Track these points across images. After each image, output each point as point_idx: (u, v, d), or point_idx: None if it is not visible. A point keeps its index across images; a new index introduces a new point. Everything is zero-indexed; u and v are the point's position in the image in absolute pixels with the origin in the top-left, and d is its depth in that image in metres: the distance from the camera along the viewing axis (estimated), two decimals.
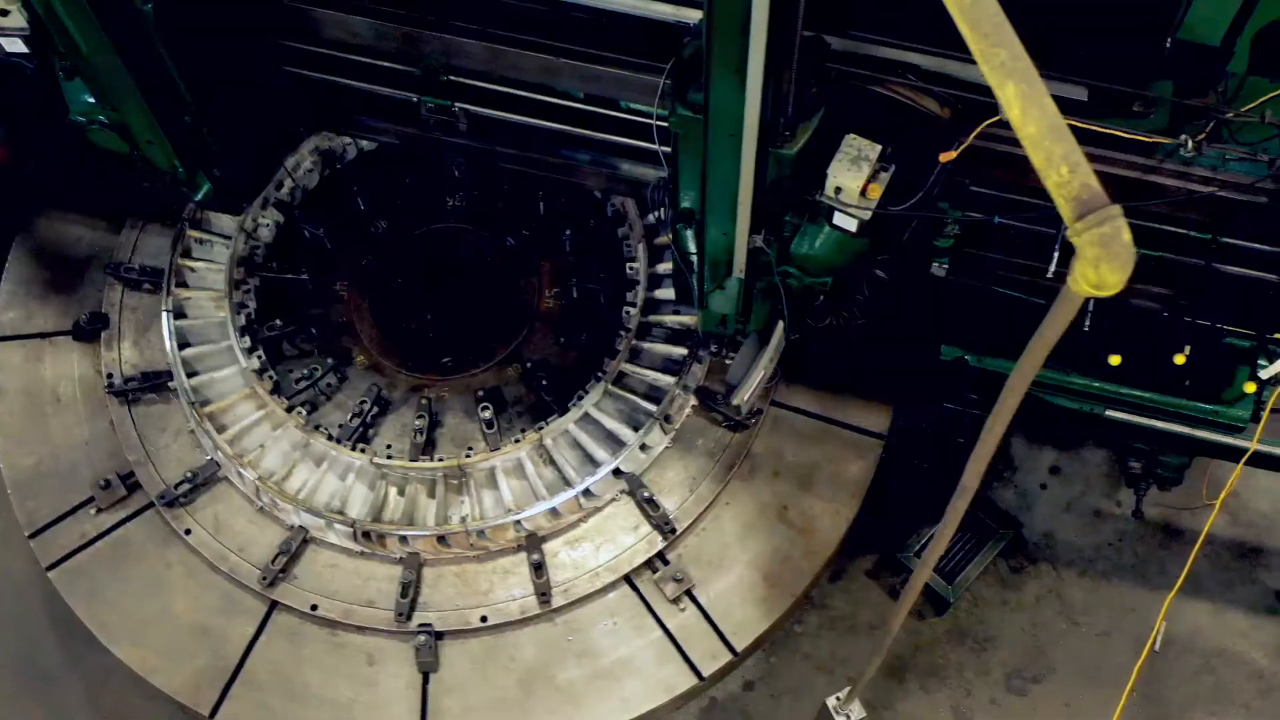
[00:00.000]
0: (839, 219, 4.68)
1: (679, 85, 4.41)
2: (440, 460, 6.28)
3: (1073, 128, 4.45)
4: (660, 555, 6.15)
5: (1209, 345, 5.45)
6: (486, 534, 6.18)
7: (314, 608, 6.11)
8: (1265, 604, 7.05)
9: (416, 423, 6.49)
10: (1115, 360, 5.51)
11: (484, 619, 6.06)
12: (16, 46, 5.01)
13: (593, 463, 6.24)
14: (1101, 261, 2.39)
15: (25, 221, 7.13)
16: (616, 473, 6.23)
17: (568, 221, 7.02)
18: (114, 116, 5.26)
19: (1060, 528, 7.26)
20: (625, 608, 6.10)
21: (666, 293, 6.59)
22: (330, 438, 6.33)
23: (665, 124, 4.91)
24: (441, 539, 6.17)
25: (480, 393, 6.63)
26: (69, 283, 6.93)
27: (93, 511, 6.37)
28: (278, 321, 6.76)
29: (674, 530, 6.14)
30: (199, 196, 5.87)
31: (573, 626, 6.08)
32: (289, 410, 6.36)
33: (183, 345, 6.54)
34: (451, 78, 5.43)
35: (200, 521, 6.31)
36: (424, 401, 6.61)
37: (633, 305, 6.54)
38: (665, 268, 6.61)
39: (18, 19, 5.00)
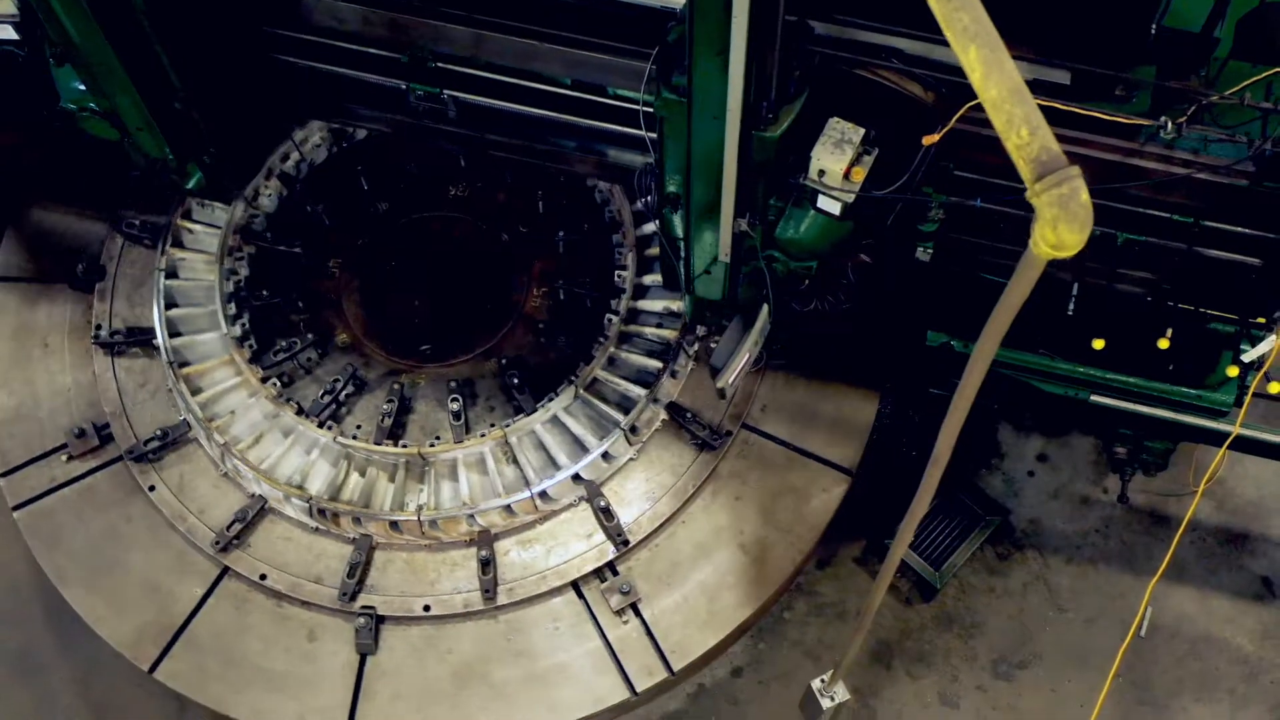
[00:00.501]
0: (822, 202, 4.71)
1: (663, 69, 4.45)
2: (404, 446, 6.31)
3: (1056, 110, 4.56)
4: (610, 565, 6.14)
5: (1192, 329, 5.50)
6: (439, 525, 6.21)
7: (263, 577, 6.17)
8: (1251, 590, 7.10)
9: (385, 406, 6.52)
10: (1099, 344, 5.55)
11: (427, 608, 6.10)
12: (7, 33, 5.04)
13: (554, 465, 6.27)
14: (1060, 221, 2.43)
15: (15, 213, 7.16)
16: (576, 478, 6.25)
17: (563, 223, 7.04)
18: (104, 104, 5.29)
19: (1047, 515, 7.31)
20: (569, 614, 6.11)
21: (652, 304, 6.65)
22: (300, 412, 6.38)
23: (651, 110, 4.99)
24: (394, 524, 6.21)
25: (453, 384, 6.65)
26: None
27: (64, 458, 6.47)
28: (264, 292, 6.80)
29: (627, 542, 6.14)
30: (190, 185, 5.91)
31: (514, 626, 6.09)
32: (264, 381, 6.43)
33: (170, 305, 6.60)
34: (439, 64, 5.46)
35: (165, 480, 6.41)
36: (396, 386, 6.63)
37: (615, 313, 6.56)
38: (653, 279, 6.64)
39: (8, 5, 5.04)
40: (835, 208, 4.71)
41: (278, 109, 5.96)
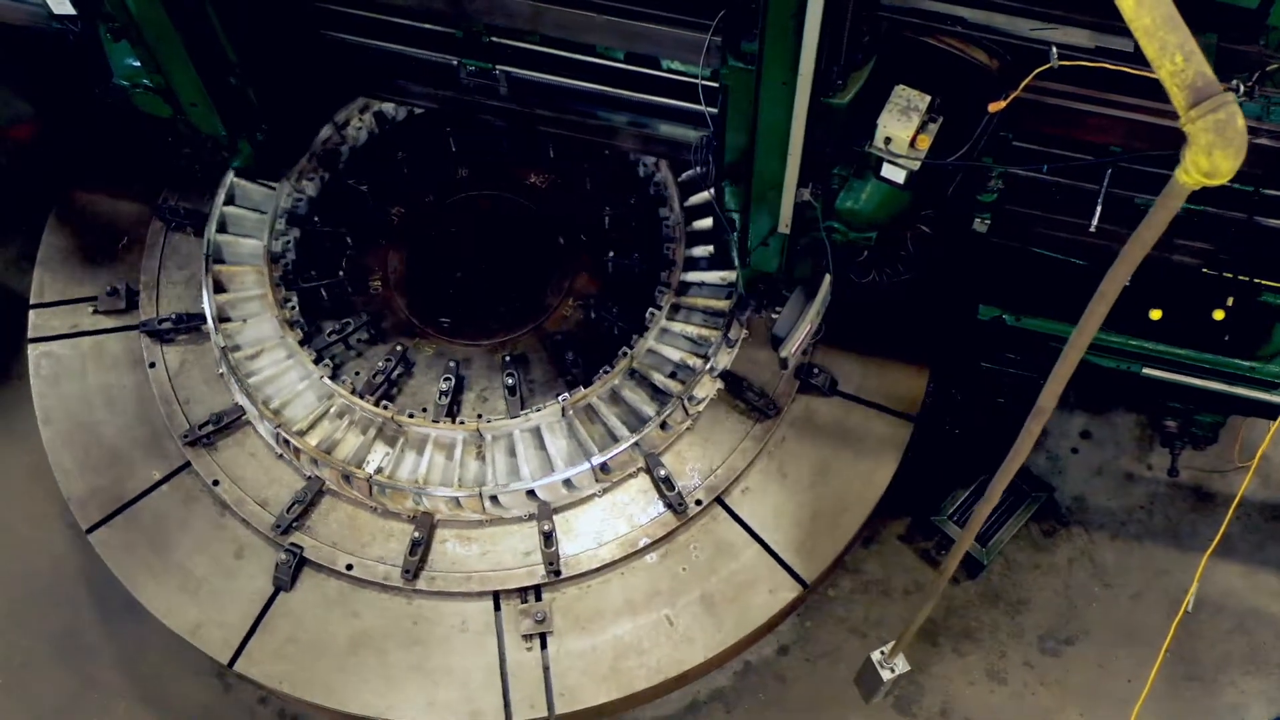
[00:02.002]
0: (887, 170, 4.69)
1: (730, 36, 4.42)
2: (386, 408, 6.35)
3: (1122, 74, 4.53)
4: (537, 590, 6.14)
5: (1248, 301, 5.48)
6: (387, 492, 6.24)
7: (215, 483, 6.36)
8: None
9: (381, 364, 6.66)
10: (1156, 315, 5.54)
11: (349, 567, 6.17)
12: (64, 8, 5.02)
13: (517, 474, 6.28)
14: (1215, 148, 2.42)
15: (59, 197, 7.15)
16: (530, 494, 6.24)
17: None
18: (158, 80, 5.27)
19: (1091, 491, 7.30)
20: (479, 622, 6.10)
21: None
22: (303, 342, 6.54)
23: (710, 83, 4.97)
24: (347, 477, 6.25)
25: (453, 363, 6.70)
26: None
27: (90, 310, 6.83)
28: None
29: (559, 573, 6.12)
30: (238, 162, 5.90)
31: (425, 615, 6.11)
32: (284, 304, 6.60)
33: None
34: (493, 39, 5.44)
35: (167, 360, 6.68)
36: (398, 348, 6.77)
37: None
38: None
39: None
40: (900, 176, 4.69)
41: (327, 85, 5.94)
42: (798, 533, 6.24)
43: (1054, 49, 4.43)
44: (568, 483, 6.26)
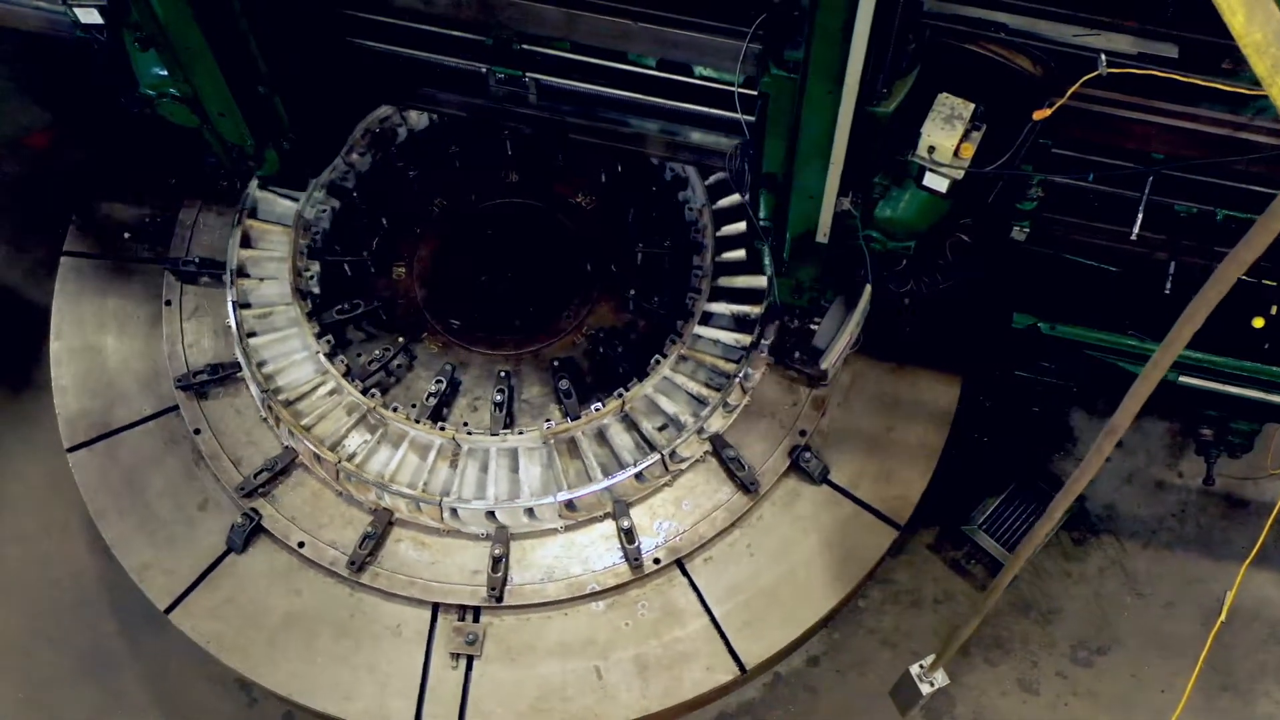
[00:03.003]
0: (929, 179, 4.63)
1: (772, 44, 4.35)
2: (371, 396, 6.39)
3: (1164, 80, 4.47)
4: (476, 611, 6.08)
5: None
6: (353, 480, 6.22)
7: (197, 431, 6.47)
8: None
9: (379, 352, 6.68)
10: None
11: (301, 544, 6.21)
12: (92, 17, 4.94)
13: (483, 491, 6.23)
14: None
15: (78, 207, 7.11)
16: (490, 514, 6.20)
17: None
18: (185, 89, 5.20)
19: (1122, 499, 7.23)
20: (413, 629, 6.07)
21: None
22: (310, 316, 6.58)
23: (747, 90, 4.90)
24: (318, 457, 6.26)
25: (449, 366, 6.68)
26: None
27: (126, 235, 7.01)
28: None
29: (500, 599, 6.08)
30: (263, 171, 5.83)
31: (364, 609, 6.12)
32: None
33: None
34: (524, 46, 5.37)
35: (184, 302, 6.76)
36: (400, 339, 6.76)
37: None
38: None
39: None
40: (943, 185, 4.62)
41: (354, 94, 5.86)
42: (750, 615, 6.07)
43: (1102, 56, 4.36)
44: (530, 512, 6.17)
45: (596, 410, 6.19)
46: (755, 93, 4.88)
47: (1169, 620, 6.93)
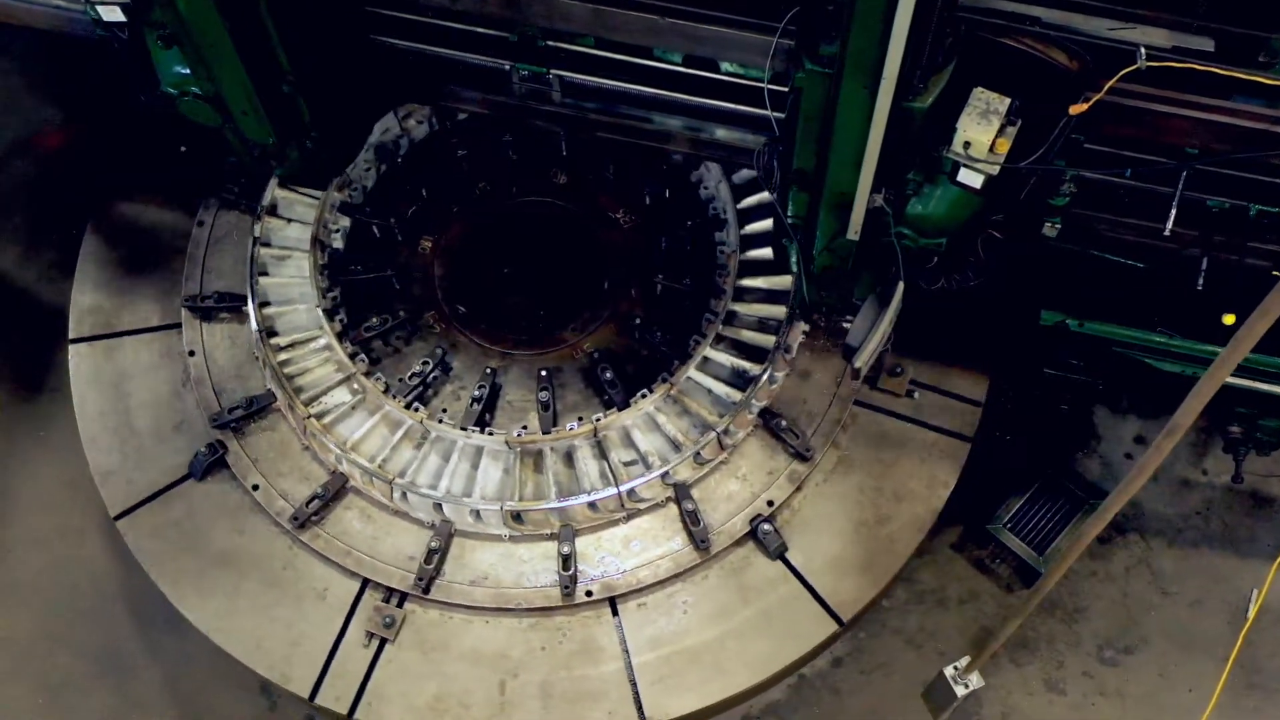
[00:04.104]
0: (964, 175, 4.57)
1: (806, 39, 4.30)
2: (357, 361, 6.38)
3: (1198, 75, 4.42)
4: (403, 597, 6.02)
5: None
6: (318, 438, 6.24)
7: (191, 352, 6.60)
8: None
9: (377, 320, 6.73)
10: (1230, 320, 5.41)
11: (255, 487, 6.25)
12: (115, 15, 4.89)
13: (437, 480, 6.20)
14: None
15: (97, 207, 7.05)
16: (438, 506, 6.13)
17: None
18: (207, 87, 5.14)
19: (1147, 498, 7.16)
20: (338, 598, 6.06)
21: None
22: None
23: (777, 87, 4.85)
24: (291, 407, 6.28)
25: (440, 349, 6.61)
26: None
27: None
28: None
29: (428, 591, 6.01)
30: (282, 171, 5.78)
31: (297, 565, 6.13)
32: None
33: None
34: (549, 43, 5.32)
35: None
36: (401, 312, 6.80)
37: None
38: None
39: None
40: (977, 181, 4.57)
41: (377, 92, 5.81)
42: (666, 672, 5.91)
43: (1141, 49, 4.31)
44: (477, 514, 6.10)
45: (570, 429, 6.11)
46: (785, 89, 4.85)
47: (1196, 619, 6.87)
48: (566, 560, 5.99)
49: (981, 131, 4.41)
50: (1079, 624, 6.88)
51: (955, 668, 5.30)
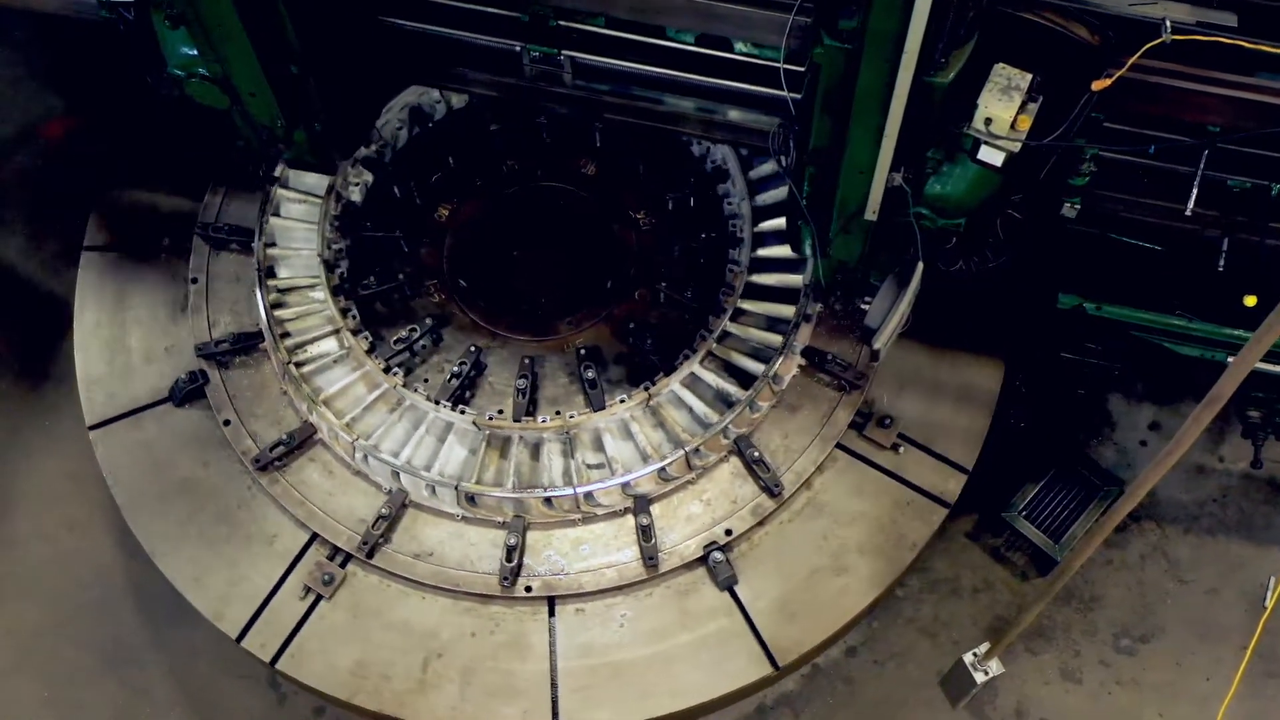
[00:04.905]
0: (984, 153, 4.49)
1: (825, 14, 4.22)
2: (344, 308, 6.37)
3: (1221, 52, 4.34)
4: (347, 557, 5.95)
5: None
6: (294, 385, 6.18)
7: (194, 280, 6.59)
8: None
9: (372, 280, 6.68)
10: (1251, 301, 5.35)
11: (226, 422, 6.25)
12: None
13: (399, 448, 6.13)
14: None
15: (100, 194, 6.95)
16: (396, 474, 6.04)
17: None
18: (215, 69, 5.06)
19: (1163, 485, 7.03)
20: (285, 546, 6.02)
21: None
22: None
23: (793, 66, 4.77)
24: (275, 348, 6.26)
25: (430, 320, 6.51)
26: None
27: None
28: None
29: (371, 555, 5.92)
30: (290, 154, 5.69)
31: (252, 507, 6.10)
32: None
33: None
34: (560, 23, 5.24)
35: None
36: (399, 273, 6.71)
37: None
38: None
39: None
40: (998, 159, 4.49)
41: (385, 74, 5.73)
42: (589, 683, 5.74)
43: (1167, 21, 4.23)
44: (433, 489, 6.00)
45: (542, 421, 6.03)
46: (801, 68, 4.78)
47: (1212, 607, 6.82)
48: (511, 551, 5.86)
49: (1003, 108, 4.34)
50: (1095, 612, 6.82)
51: (975, 654, 5.25)
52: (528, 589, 5.87)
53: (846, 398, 6.19)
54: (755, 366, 6.19)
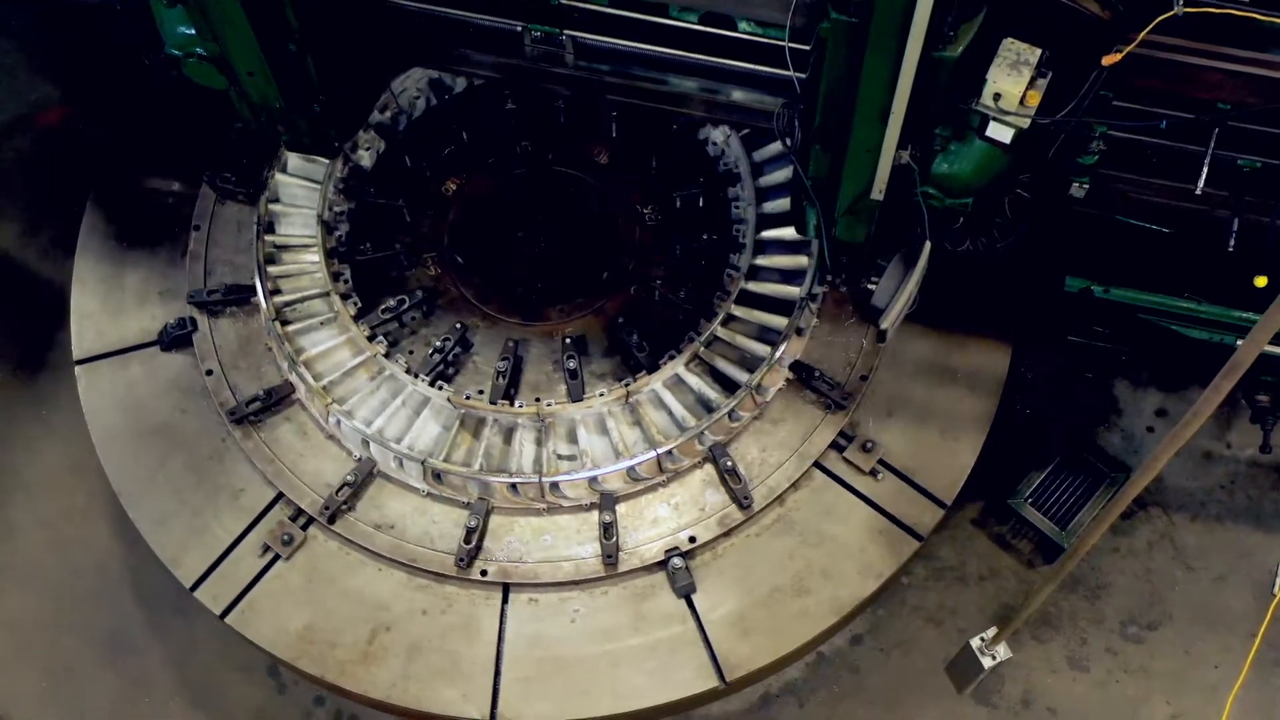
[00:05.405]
0: (993, 130, 4.44)
1: None
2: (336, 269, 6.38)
3: (1235, 22, 4.28)
4: (309, 521, 5.96)
5: None
6: (276, 341, 6.22)
7: (196, 227, 6.64)
8: None
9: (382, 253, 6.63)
10: (1261, 282, 5.28)
11: (209, 372, 6.30)
12: None
13: (372, 418, 6.08)
14: None
15: (98, 183, 6.89)
16: (365, 442, 6.03)
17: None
18: (213, 48, 5.00)
19: (1169, 471, 7.04)
20: (251, 502, 6.04)
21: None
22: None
23: (798, 45, 4.71)
24: (266, 292, 6.25)
25: (423, 292, 6.45)
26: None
27: None
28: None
29: (333, 520, 5.94)
30: (288, 137, 5.64)
31: (223, 458, 6.14)
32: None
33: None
34: (562, 1, 5.18)
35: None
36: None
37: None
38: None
39: None
40: (1007, 135, 4.44)
41: (385, 55, 5.67)
42: (533, 674, 5.70)
43: None
44: (400, 461, 5.96)
45: (517, 406, 5.97)
46: (806, 46, 4.72)
47: (1220, 594, 6.76)
48: (471, 533, 5.82)
49: (1012, 83, 4.28)
50: (1102, 600, 6.77)
51: (982, 638, 5.20)
52: (483, 572, 5.83)
53: (831, 417, 6.08)
54: (741, 375, 6.08)
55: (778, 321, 6.17)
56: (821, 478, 6.06)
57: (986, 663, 5.16)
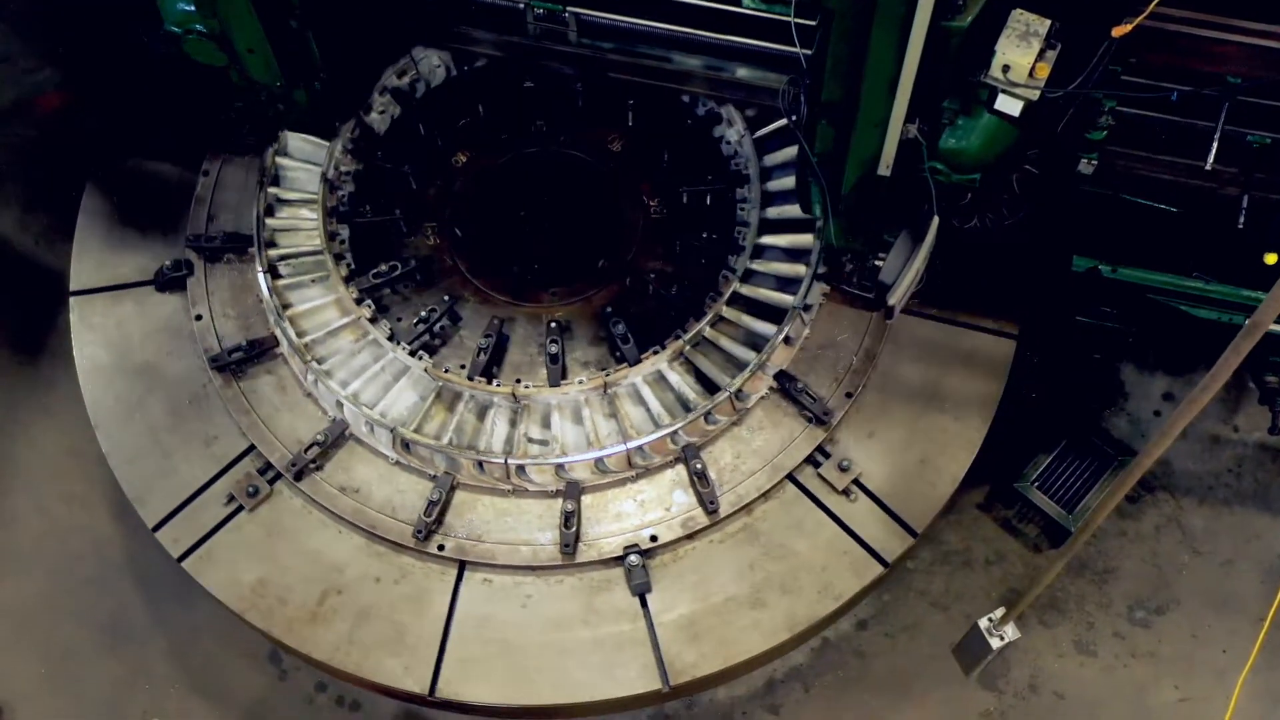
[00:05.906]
0: (1002, 103, 4.40)
1: None
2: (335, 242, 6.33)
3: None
4: (276, 477, 5.97)
5: None
6: (266, 294, 6.16)
7: (205, 172, 6.60)
8: None
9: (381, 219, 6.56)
10: (1272, 259, 5.22)
11: (199, 316, 6.27)
12: None
13: (360, 388, 6.04)
14: None
15: (98, 166, 6.83)
16: (339, 404, 5.96)
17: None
18: (213, 25, 4.98)
19: (1177, 455, 6.99)
20: (221, 452, 6.04)
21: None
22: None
23: (804, 20, 4.68)
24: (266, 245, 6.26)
25: (416, 262, 6.39)
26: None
27: None
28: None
29: (300, 478, 5.92)
30: (289, 116, 5.61)
31: (203, 405, 6.14)
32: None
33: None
34: None
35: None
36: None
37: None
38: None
39: None
40: (1016, 108, 4.40)
41: (387, 32, 5.63)
42: (476, 655, 5.61)
43: None
44: (371, 427, 5.91)
45: (494, 385, 5.95)
46: (813, 22, 4.67)
47: (1228, 578, 6.71)
48: (432, 506, 5.77)
49: (1021, 54, 4.25)
50: (1109, 584, 6.72)
51: (990, 619, 5.15)
52: (440, 547, 5.78)
53: (810, 430, 5.96)
54: (724, 378, 5.98)
55: (767, 328, 6.07)
56: (793, 491, 5.94)
57: (994, 643, 5.12)
